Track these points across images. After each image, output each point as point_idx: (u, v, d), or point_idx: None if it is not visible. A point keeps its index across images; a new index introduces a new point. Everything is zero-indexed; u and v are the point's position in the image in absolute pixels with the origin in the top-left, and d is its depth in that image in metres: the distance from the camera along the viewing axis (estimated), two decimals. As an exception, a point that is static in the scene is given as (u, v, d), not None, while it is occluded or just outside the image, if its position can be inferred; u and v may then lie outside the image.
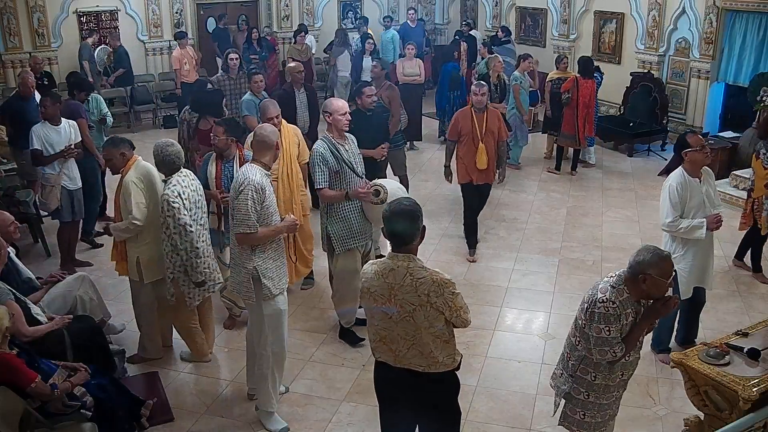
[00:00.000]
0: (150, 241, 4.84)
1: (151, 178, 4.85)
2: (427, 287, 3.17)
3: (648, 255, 3.31)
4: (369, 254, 5.39)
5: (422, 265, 3.24)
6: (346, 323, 5.48)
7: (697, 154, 4.70)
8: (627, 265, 3.38)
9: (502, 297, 6.16)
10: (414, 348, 3.30)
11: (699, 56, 10.16)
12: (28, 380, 3.69)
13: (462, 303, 3.26)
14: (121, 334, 5.48)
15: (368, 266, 3.39)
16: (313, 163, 5.03)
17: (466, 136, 6.62)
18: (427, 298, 3.17)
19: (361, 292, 3.39)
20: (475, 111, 6.60)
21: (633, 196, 8.53)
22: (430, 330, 3.24)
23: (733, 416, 3.60)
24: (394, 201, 3.34)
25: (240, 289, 4.30)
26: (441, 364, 3.32)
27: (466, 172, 6.75)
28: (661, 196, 4.86)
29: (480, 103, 6.56)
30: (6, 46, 11.43)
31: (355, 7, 15.18)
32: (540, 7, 13.13)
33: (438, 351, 3.29)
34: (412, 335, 3.27)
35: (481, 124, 6.60)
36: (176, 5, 13.03)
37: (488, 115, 6.64)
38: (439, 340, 3.28)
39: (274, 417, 4.49)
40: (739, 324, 4.80)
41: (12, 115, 7.49)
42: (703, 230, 4.66)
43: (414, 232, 3.22)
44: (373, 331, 3.42)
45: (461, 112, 6.76)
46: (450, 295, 3.20)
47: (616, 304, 3.32)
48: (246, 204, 4.05)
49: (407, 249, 3.25)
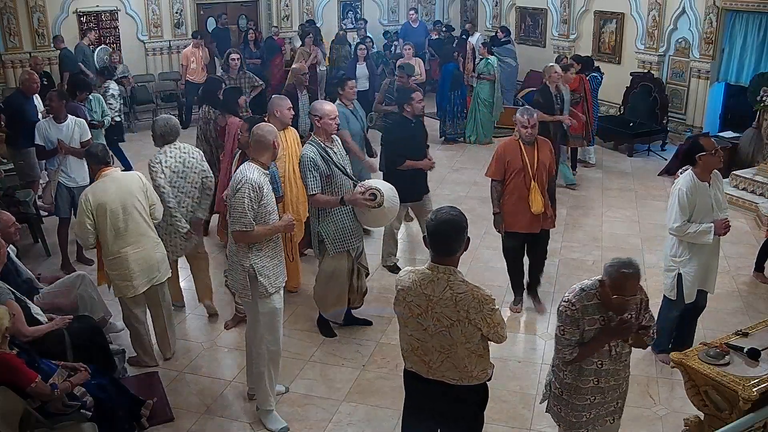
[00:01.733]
0: (112, 258, 4.79)
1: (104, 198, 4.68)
2: (467, 303, 3.09)
3: (612, 265, 3.24)
4: (361, 255, 5.41)
5: (463, 279, 3.16)
6: (334, 321, 5.55)
7: (712, 158, 4.63)
8: None
9: (502, 297, 6.15)
10: (448, 361, 3.23)
11: (699, 56, 10.16)
12: (28, 380, 3.69)
13: (500, 319, 3.20)
14: (121, 334, 5.48)
15: (405, 274, 3.29)
16: (303, 169, 4.97)
17: (514, 173, 5.47)
18: (466, 314, 3.10)
19: (396, 299, 3.31)
20: (523, 142, 5.50)
21: (633, 196, 8.53)
22: (467, 345, 3.18)
23: (733, 416, 3.59)
24: (440, 209, 3.20)
25: (237, 286, 4.32)
26: (474, 377, 3.27)
27: (513, 219, 5.58)
28: (669, 199, 4.82)
29: (530, 136, 5.44)
30: (6, 46, 11.44)
31: (355, 7, 15.18)
32: (540, 7, 13.13)
33: (472, 365, 3.25)
34: (448, 349, 3.20)
35: (532, 158, 5.44)
36: (176, 5, 13.03)
37: (539, 146, 5.53)
38: (474, 355, 3.23)
39: (273, 416, 4.50)
40: (739, 324, 4.80)
41: (12, 113, 7.49)
42: (710, 235, 4.62)
43: (459, 244, 3.13)
44: (405, 340, 3.35)
45: (506, 145, 5.55)
46: (489, 312, 3.12)
47: (576, 307, 3.28)
48: (243, 202, 4.06)
49: (449, 261, 3.15)
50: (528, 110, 5.51)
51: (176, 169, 5.23)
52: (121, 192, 4.75)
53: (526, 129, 5.39)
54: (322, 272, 5.34)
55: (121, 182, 4.80)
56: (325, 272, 5.30)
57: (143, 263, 4.84)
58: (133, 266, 4.79)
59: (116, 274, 4.83)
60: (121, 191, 4.74)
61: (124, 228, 4.73)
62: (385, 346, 5.37)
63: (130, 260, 4.78)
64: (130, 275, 4.81)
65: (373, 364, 5.20)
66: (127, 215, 4.73)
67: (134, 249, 4.78)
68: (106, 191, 4.71)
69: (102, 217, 4.67)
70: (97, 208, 4.66)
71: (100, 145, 4.97)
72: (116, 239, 4.72)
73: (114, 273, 4.83)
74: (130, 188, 4.79)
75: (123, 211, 4.71)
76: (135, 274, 4.81)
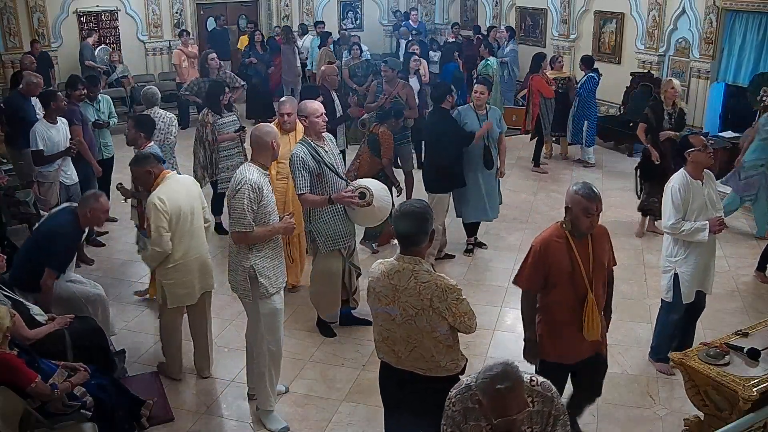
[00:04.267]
0: (173, 266, 4.58)
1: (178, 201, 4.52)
2: (431, 292, 3.14)
3: (484, 380, 2.52)
4: (353, 254, 5.42)
5: (428, 269, 3.21)
6: (329, 321, 5.60)
7: (700, 155, 4.66)
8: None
9: (502, 297, 6.15)
10: (416, 351, 3.28)
11: (699, 56, 10.15)
12: (28, 380, 3.69)
13: (467, 309, 3.23)
14: (121, 334, 5.48)
15: (376, 265, 3.38)
16: (293, 168, 4.95)
17: (558, 281, 3.72)
18: (429, 302, 3.15)
19: (367, 290, 3.39)
20: (575, 235, 3.70)
21: (633, 196, 8.52)
22: (433, 334, 3.22)
23: (733, 416, 3.59)
24: (405, 202, 3.33)
25: (237, 287, 4.32)
26: (443, 368, 3.30)
27: (556, 345, 3.83)
28: (663, 198, 4.85)
29: (590, 227, 3.69)
30: (6, 46, 11.45)
31: (356, 7, 15.19)
32: (540, 7, 13.14)
33: (440, 356, 3.27)
34: (414, 338, 3.25)
35: (587, 257, 3.72)
36: (176, 5, 13.05)
37: (595, 239, 3.79)
38: (442, 345, 3.26)
39: (273, 416, 4.50)
40: (739, 324, 4.79)
41: (11, 114, 7.49)
42: (705, 233, 4.62)
43: (421, 234, 3.19)
44: (377, 330, 3.42)
45: (548, 241, 3.73)
46: (454, 300, 3.17)
47: (456, 408, 2.69)
48: (242, 203, 4.06)
49: (415, 251, 3.22)
50: (594, 192, 3.65)
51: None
52: (189, 195, 4.63)
53: (590, 218, 3.63)
54: (315, 272, 5.38)
55: (187, 185, 4.69)
56: (318, 272, 5.33)
57: (202, 269, 4.72)
58: (196, 272, 4.65)
59: (176, 282, 4.60)
60: (188, 194, 4.62)
61: (190, 232, 4.57)
62: (385, 346, 5.37)
63: (193, 266, 4.63)
64: (192, 282, 4.64)
65: (373, 364, 5.17)
66: (193, 218, 4.60)
67: (196, 254, 4.64)
68: (178, 193, 4.55)
69: (174, 221, 4.47)
70: (173, 211, 4.46)
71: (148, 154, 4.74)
72: (181, 244, 4.52)
73: (173, 282, 4.59)
74: (194, 192, 4.70)
75: (191, 215, 4.58)
76: (196, 280, 4.67)
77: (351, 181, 5.20)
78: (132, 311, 5.90)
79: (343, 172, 5.21)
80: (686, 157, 4.71)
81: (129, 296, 6.21)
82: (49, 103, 6.54)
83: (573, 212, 3.65)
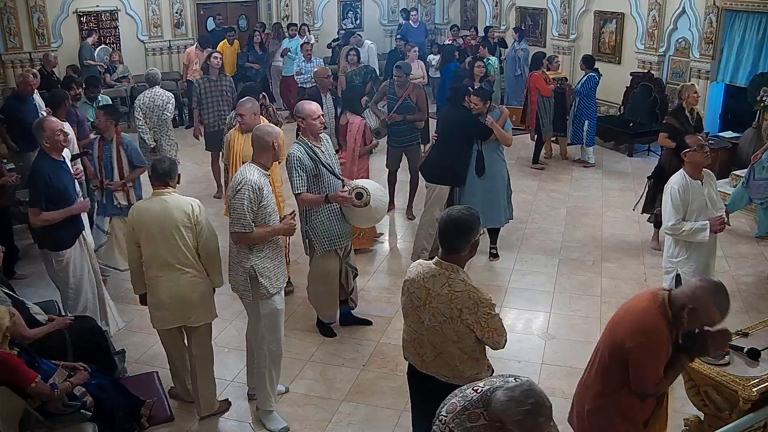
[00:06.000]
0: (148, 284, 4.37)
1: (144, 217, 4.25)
2: (462, 302, 3.11)
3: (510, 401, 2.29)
4: (349, 254, 5.42)
5: (464, 278, 3.17)
6: (328, 321, 5.62)
7: (696, 155, 4.67)
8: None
9: (502, 297, 6.15)
10: (441, 357, 3.26)
11: (699, 56, 10.15)
12: (28, 380, 3.69)
13: (497, 326, 3.17)
14: (121, 334, 5.49)
15: (414, 266, 3.35)
16: (290, 168, 4.96)
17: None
18: (459, 312, 3.11)
19: (402, 288, 3.37)
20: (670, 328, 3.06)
21: (633, 196, 8.51)
22: (459, 345, 3.19)
23: (733, 416, 3.60)
24: (453, 207, 3.28)
25: (238, 287, 4.31)
26: (466, 378, 3.21)
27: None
28: (662, 199, 4.85)
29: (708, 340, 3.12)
30: (6, 46, 11.45)
31: (356, 7, 15.19)
32: (540, 7, 13.13)
33: (464, 366, 3.25)
34: (440, 345, 3.23)
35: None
36: (176, 5, 13.05)
37: None
38: (466, 356, 3.23)
39: (273, 416, 4.50)
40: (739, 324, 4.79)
41: (8, 116, 7.49)
42: (706, 233, 4.62)
43: (463, 242, 3.15)
44: (405, 330, 3.42)
45: (660, 332, 3.02)
46: (484, 315, 3.12)
47: None
48: (242, 203, 4.06)
49: (454, 258, 3.19)
50: (728, 306, 2.99)
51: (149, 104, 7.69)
52: (164, 216, 4.18)
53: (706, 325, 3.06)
54: (312, 273, 5.39)
55: (168, 206, 4.20)
56: (315, 273, 5.34)
57: (175, 298, 4.28)
58: (163, 297, 4.28)
59: (150, 300, 4.40)
60: (164, 215, 4.18)
61: (156, 253, 4.22)
62: (385, 346, 5.37)
63: (161, 289, 4.27)
64: (161, 305, 4.32)
65: (373, 364, 5.20)
66: (164, 241, 4.19)
67: (167, 280, 4.25)
68: (148, 210, 4.24)
69: (139, 236, 4.25)
70: (134, 225, 4.26)
71: (167, 161, 4.40)
72: (151, 263, 4.26)
73: (149, 299, 4.41)
74: (173, 215, 4.18)
75: (160, 236, 4.19)
76: (165, 305, 4.31)
77: (348, 182, 5.21)
78: (132, 311, 5.90)
79: (338, 173, 5.22)
80: (683, 157, 4.73)
81: (129, 296, 6.20)
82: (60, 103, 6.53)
83: (695, 317, 2.95)
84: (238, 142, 5.88)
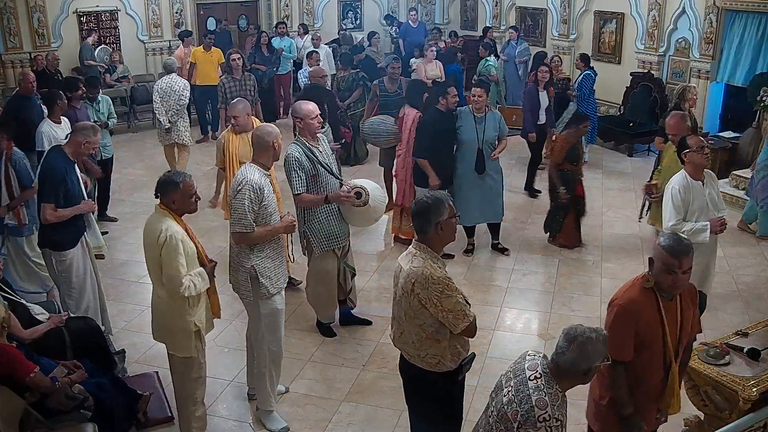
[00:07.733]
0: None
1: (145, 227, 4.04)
2: (415, 277, 3.25)
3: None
4: (347, 254, 5.43)
5: (426, 257, 3.29)
6: (327, 321, 5.63)
7: (696, 155, 4.66)
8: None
9: (502, 297, 6.16)
10: (404, 335, 3.43)
11: (699, 56, 10.15)
12: (27, 371, 3.68)
13: (453, 307, 3.22)
14: (121, 334, 5.49)
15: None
16: (288, 169, 4.95)
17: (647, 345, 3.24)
18: (411, 286, 3.25)
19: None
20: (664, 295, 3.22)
21: (633, 196, 8.52)
22: (415, 321, 3.32)
23: (733, 416, 3.60)
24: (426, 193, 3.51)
25: (238, 287, 4.32)
26: (421, 359, 3.38)
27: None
28: (663, 199, 4.85)
29: (673, 287, 3.17)
30: (6, 46, 11.45)
31: (356, 7, 15.19)
32: (540, 7, 13.13)
33: (421, 344, 3.36)
34: (403, 322, 3.40)
35: (674, 321, 3.26)
36: (176, 5, 13.05)
37: (683, 300, 3.31)
38: (425, 335, 3.33)
39: (273, 416, 4.50)
40: (739, 324, 4.80)
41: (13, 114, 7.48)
42: (706, 233, 4.61)
43: (424, 224, 3.31)
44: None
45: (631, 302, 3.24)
46: (437, 293, 3.21)
47: (560, 421, 2.66)
48: (243, 204, 4.06)
49: (425, 239, 3.34)
50: (680, 246, 3.12)
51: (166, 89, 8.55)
52: (147, 229, 4.00)
53: (672, 276, 3.12)
54: (310, 273, 5.40)
55: (150, 221, 4.00)
56: (314, 273, 5.35)
57: (154, 317, 4.16)
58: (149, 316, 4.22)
59: None
60: (147, 227, 4.01)
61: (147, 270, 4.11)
62: (385, 346, 5.37)
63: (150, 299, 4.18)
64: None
65: (373, 364, 5.20)
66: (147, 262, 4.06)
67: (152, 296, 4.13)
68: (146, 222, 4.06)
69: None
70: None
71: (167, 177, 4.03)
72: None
73: None
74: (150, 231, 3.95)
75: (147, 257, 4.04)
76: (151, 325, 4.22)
77: (346, 182, 5.21)
78: (132, 311, 5.90)
79: (336, 172, 5.23)
80: (683, 157, 4.72)
81: (129, 296, 6.21)
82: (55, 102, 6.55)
83: (655, 267, 3.19)
84: (233, 143, 5.92)
